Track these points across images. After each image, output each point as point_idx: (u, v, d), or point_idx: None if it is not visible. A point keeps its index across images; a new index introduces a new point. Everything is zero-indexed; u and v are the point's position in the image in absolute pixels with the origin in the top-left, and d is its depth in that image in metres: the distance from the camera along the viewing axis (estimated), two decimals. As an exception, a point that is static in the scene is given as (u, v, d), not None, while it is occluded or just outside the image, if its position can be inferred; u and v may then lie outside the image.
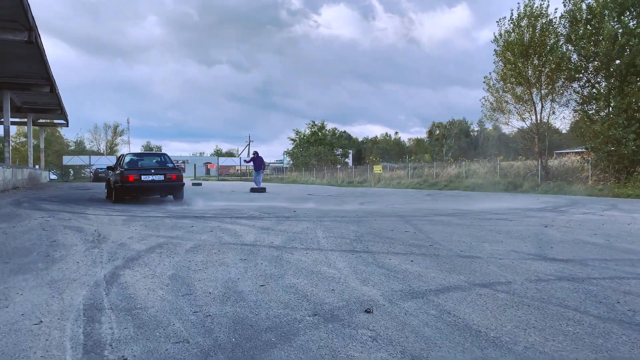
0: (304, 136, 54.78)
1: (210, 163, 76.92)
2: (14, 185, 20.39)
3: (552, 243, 5.16)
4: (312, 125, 54.93)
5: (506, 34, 21.66)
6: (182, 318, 2.46)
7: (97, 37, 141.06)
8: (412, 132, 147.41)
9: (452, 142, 69.64)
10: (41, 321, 2.41)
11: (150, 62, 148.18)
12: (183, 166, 78.19)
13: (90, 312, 2.56)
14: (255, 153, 20.55)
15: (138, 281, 3.30)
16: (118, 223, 6.98)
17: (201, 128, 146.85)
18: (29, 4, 13.96)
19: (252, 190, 19.22)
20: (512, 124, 23.13)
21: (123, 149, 74.31)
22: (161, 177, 11.31)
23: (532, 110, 21.90)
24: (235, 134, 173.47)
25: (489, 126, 74.73)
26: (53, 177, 45.52)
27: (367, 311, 2.53)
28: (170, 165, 12.32)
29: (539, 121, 21.82)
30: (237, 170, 72.47)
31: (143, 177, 11.14)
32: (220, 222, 7.05)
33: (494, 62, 22.53)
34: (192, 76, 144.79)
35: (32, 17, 14.54)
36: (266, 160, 22.26)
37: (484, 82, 22.80)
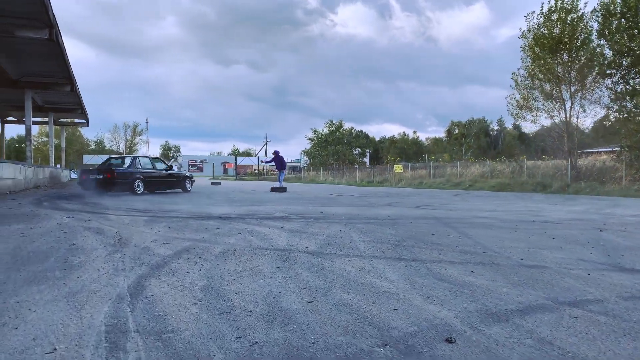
0: (322, 135, 54.36)
1: (228, 162, 77.00)
2: (35, 184, 20.37)
3: (619, 250, 4.62)
4: (330, 125, 54.47)
5: (535, 28, 20.91)
6: (223, 346, 2.03)
7: (115, 38, 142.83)
8: (429, 132, 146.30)
9: (471, 141, 68.51)
10: (55, 349, 2.00)
11: (168, 62, 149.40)
12: (201, 165, 78.53)
13: (114, 336, 2.14)
14: (276, 152, 20.16)
15: (166, 294, 2.88)
16: (140, 224, 6.62)
17: (218, 127, 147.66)
18: (49, 1, 13.78)
19: (273, 189, 18.86)
20: (540, 122, 22.39)
21: (142, 149, 74.93)
22: (100, 176, 14.96)
23: (561, 108, 21.14)
24: (252, 134, 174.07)
25: (509, 125, 73.59)
26: (74, 176, 45.89)
27: (449, 341, 2.07)
28: (127, 166, 15.61)
29: (568, 119, 21.04)
30: (255, 169, 72.44)
31: (90, 176, 15.34)
32: (246, 224, 6.64)
33: (521, 59, 21.81)
34: (210, 76, 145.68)
35: (53, 14, 14.37)
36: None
37: (511, 78, 22.08)
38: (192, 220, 7.19)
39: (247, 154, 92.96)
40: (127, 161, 16.09)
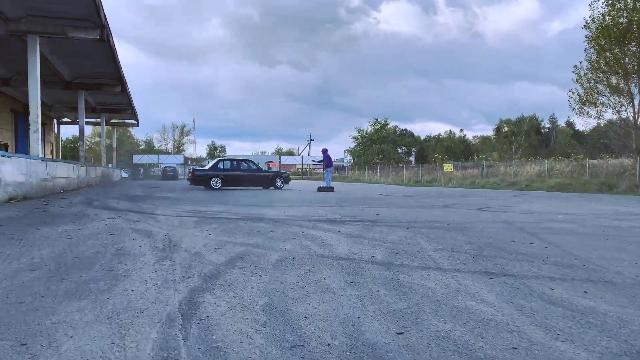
0: (367, 134, 53.56)
1: (271, 162, 77.42)
2: (88, 183, 20.82)
3: None
4: (375, 123, 53.61)
5: (600, 18, 19.46)
6: (304, 402, 1.54)
7: (164, 41, 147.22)
8: (475, 130, 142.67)
9: (522, 139, 65.87)
10: (91, 398, 1.56)
11: (214, 64, 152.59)
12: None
13: (164, 379, 1.69)
14: (324, 150, 19.72)
15: (224, 316, 2.43)
16: (190, 226, 6.29)
17: (262, 127, 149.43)
18: (101, 2, 13.87)
19: (320, 189, 18.42)
20: (605, 118, 20.87)
21: (189, 149, 76.61)
22: (189, 174, 20.79)
23: (629, 103, 19.61)
24: (295, 133, 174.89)
25: (561, 122, 70.30)
26: (124, 175, 47.25)
27: (618, 406, 1.49)
28: (207, 167, 20.78)
29: (637, 114, 19.49)
30: (298, 169, 72.51)
31: (188, 174, 22.16)
32: (300, 227, 6.18)
33: (584, 50, 20.38)
34: (253, 76, 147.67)
35: (104, 14, 14.48)
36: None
37: (573, 72, 20.68)
38: (242, 222, 6.81)
39: (290, 153, 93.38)
40: (211, 163, 21.09)
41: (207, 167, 20.78)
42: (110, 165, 36.09)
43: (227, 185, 19.53)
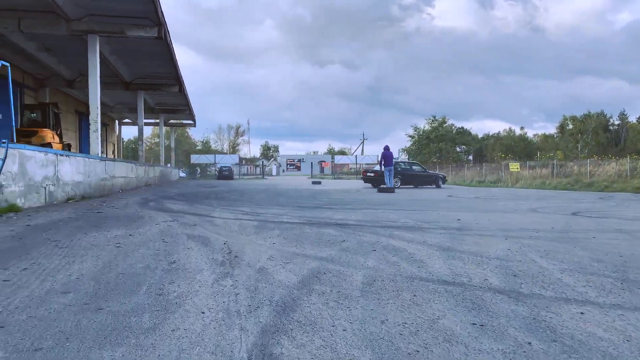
0: (423, 132, 51.80)
1: (324, 162, 76.96)
2: (147, 182, 20.93)
3: None
4: (432, 121, 51.75)
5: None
6: None
7: (219, 44, 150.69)
8: (535, 128, 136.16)
9: (588, 137, 61.66)
10: None
11: (267, 65, 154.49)
12: (299, 164, 79.48)
13: None
14: (386, 147, 18.67)
15: (315, 385, 1.62)
16: (250, 232, 5.59)
17: (314, 127, 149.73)
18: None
19: (380, 190, 17.46)
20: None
21: (244, 149, 77.57)
22: (372, 174, 22.39)
23: None
24: (347, 132, 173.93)
25: (633, 119, 65.27)
26: (182, 174, 48.18)
27: None
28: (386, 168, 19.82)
29: None
30: (351, 168, 71.59)
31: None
32: (375, 235, 5.33)
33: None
34: (306, 77, 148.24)
35: (162, 12, 14.25)
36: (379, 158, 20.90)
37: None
38: (307, 227, 6.04)
39: (342, 152, 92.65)
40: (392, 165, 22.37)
41: (384, 167, 23.40)
42: (169, 165, 36.74)
43: (403, 184, 22.17)
